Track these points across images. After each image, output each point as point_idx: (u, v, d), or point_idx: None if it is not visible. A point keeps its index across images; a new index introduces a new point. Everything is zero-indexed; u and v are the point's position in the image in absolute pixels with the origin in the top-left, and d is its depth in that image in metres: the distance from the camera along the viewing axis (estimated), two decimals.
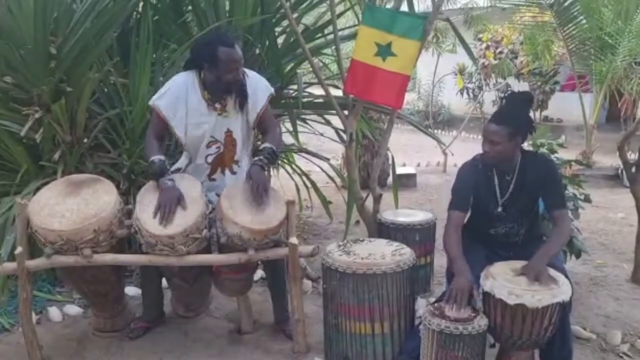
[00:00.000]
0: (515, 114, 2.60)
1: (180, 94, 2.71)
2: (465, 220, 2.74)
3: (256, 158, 2.77)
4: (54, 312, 3.25)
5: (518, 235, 2.73)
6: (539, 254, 2.44)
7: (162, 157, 2.70)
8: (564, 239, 2.64)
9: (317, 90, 4.25)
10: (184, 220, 2.52)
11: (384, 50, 3.22)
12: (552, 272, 2.38)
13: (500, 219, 2.70)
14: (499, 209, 2.68)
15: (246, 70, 2.80)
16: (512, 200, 2.67)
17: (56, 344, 2.96)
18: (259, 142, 3.12)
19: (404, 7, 3.66)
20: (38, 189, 2.93)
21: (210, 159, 2.83)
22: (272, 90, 2.92)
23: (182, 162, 2.90)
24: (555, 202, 2.62)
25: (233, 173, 2.87)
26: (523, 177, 2.64)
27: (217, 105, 2.76)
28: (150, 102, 2.76)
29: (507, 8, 8.20)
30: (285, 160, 4.77)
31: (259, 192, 2.62)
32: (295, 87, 4.14)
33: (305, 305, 2.88)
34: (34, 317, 2.89)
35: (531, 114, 2.78)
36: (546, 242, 2.64)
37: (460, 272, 2.46)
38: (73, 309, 3.31)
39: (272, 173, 4.49)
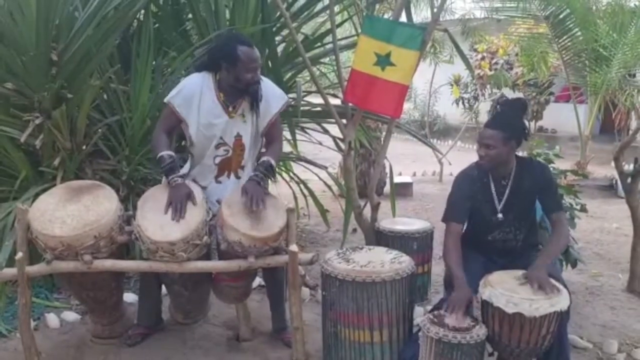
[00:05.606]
0: (509, 120, 2.66)
1: (195, 93, 2.72)
2: (464, 228, 2.77)
3: (253, 173, 2.76)
4: (51, 319, 3.24)
5: (516, 241, 2.75)
6: (541, 260, 2.47)
7: (172, 153, 2.70)
8: (563, 242, 2.67)
9: (316, 99, 4.28)
10: (185, 226, 2.53)
11: (383, 60, 3.25)
12: (553, 282, 2.39)
13: (498, 225, 2.72)
14: (497, 215, 2.70)
15: (262, 76, 2.80)
16: (509, 206, 2.69)
17: (54, 350, 2.95)
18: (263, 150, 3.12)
19: (403, 18, 3.69)
20: (37, 194, 2.92)
21: (217, 160, 2.83)
22: (287, 98, 2.91)
23: (186, 168, 2.91)
24: (552, 206, 2.67)
25: (238, 177, 2.88)
26: (519, 182, 2.68)
27: (230, 109, 2.76)
28: (165, 100, 2.77)
29: (503, 20, 8.29)
30: (283, 168, 4.78)
31: (255, 205, 2.58)
32: (294, 95, 4.16)
33: (304, 313, 2.88)
34: (32, 324, 2.88)
35: (526, 123, 2.83)
36: (546, 245, 2.67)
37: (460, 288, 2.49)
38: (71, 316, 3.31)
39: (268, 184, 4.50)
